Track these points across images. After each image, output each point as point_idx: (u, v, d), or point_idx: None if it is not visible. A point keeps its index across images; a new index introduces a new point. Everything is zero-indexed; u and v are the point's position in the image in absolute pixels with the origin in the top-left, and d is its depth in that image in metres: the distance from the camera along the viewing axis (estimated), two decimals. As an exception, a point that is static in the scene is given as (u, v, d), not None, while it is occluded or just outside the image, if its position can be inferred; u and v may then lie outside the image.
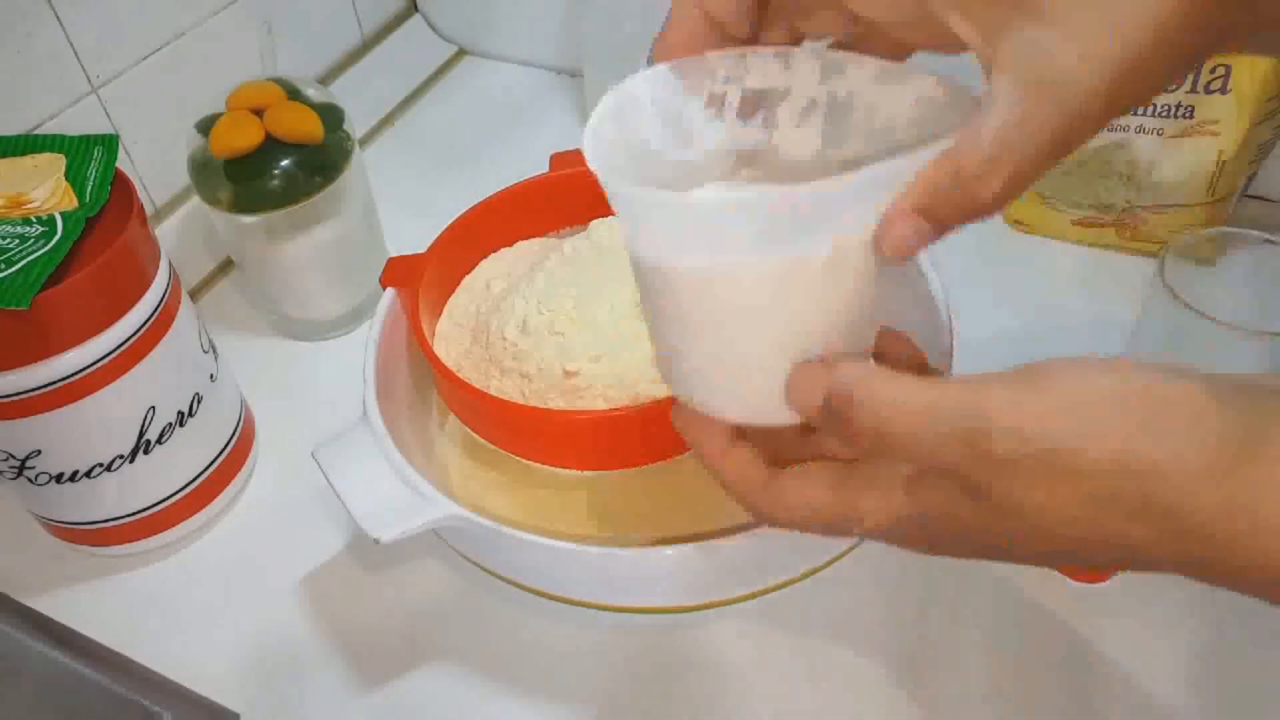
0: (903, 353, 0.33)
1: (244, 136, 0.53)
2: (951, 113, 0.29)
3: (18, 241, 0.42)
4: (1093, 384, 0.24)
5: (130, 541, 0.50)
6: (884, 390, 0.26)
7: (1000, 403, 0.24)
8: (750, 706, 0.44)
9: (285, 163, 0.54)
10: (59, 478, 0.46)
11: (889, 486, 0.27)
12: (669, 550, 0.41)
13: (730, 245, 0.28)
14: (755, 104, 0.35)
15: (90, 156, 0.46)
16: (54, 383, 0.43)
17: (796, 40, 0.34)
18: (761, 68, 0.34)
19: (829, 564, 0.45)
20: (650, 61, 0.34)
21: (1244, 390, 0.24)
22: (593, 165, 0.29)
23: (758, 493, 0.30)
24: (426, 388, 0.52)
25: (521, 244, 0.54)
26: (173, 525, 0.50)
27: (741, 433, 0.32)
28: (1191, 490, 0.23)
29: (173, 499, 0.49)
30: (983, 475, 0.25)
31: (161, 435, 0.47)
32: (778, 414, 0.30)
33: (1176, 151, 0.55)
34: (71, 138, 0.47)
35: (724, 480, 0.31)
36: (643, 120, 0.34)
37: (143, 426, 0.46)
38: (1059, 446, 0.24)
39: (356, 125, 0.58)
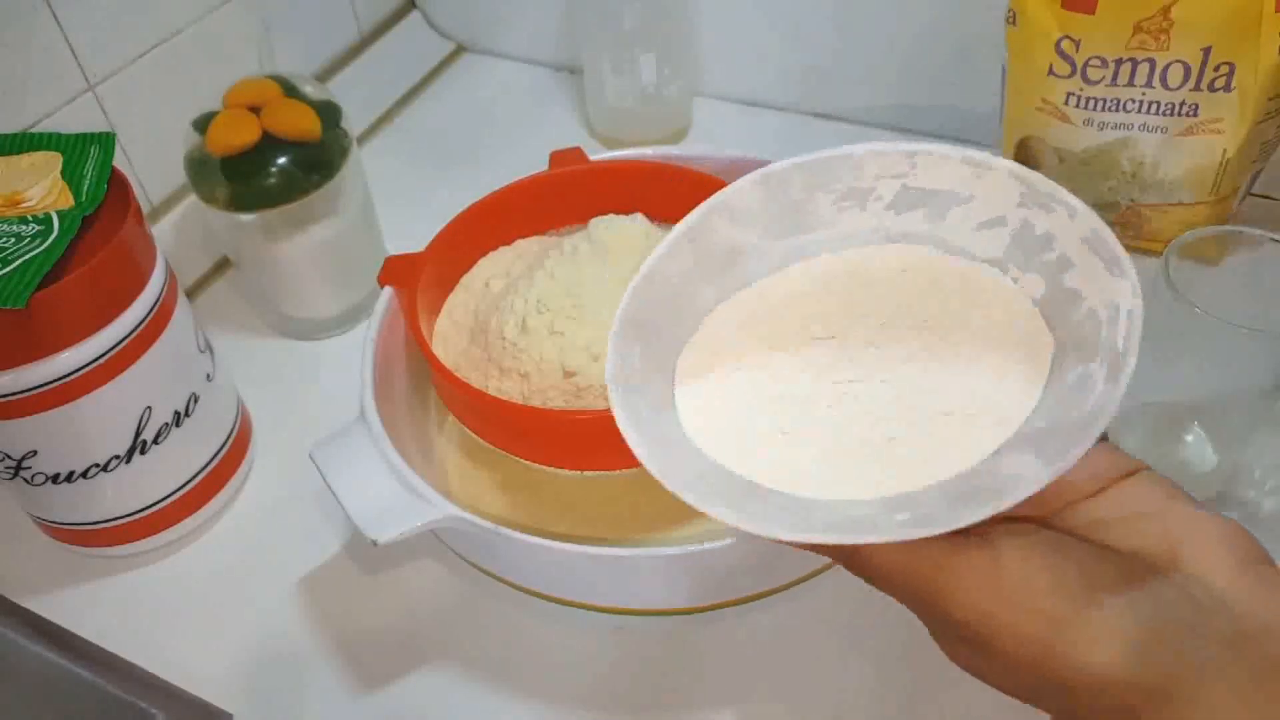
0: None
1: (241, 134, 0.53)
2: (1099, 352, 0.27)
3: (14, 240, 0.41)
4: (1032, 582, 0.26)
5: (126, 542, 0.50)
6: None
7: (952, 583, 0.26)
8: (750, 709, 0.44)
9: (282, 160, 0.53)
10: (55, 478, 0.46)
11: None
12: (669, 552, 0.41)
13: None
14: (918, 201, 0.31)
15: (86, 155, 0.46)
16: (50, 382, 0.42)
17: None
18: (938, 170, 0.31)
19: (831, 565, 0.44)
20: None
21: (1176, 639, 0.24)
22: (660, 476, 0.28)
23: None
24: (425, 387, 0.52)
25: (520, 242, 0.54)
26: (169, 526, 0.50)
27: None
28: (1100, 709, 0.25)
29: (169, 500, 0.49)
30: (944, 630, 0.28)
31: (158, 435, 0.47)
32: None
33: (1180, 149, 0.54)
34: (68, 136, 0.47)
35: None
36: (737, 227, 0.32)
37: (139, 427, 0.46)
38: (990, 637, 0.26)
39: (354, 122, 0.58)
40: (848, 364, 0.30)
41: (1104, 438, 0.29)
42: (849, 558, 0.28)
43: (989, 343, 0.29)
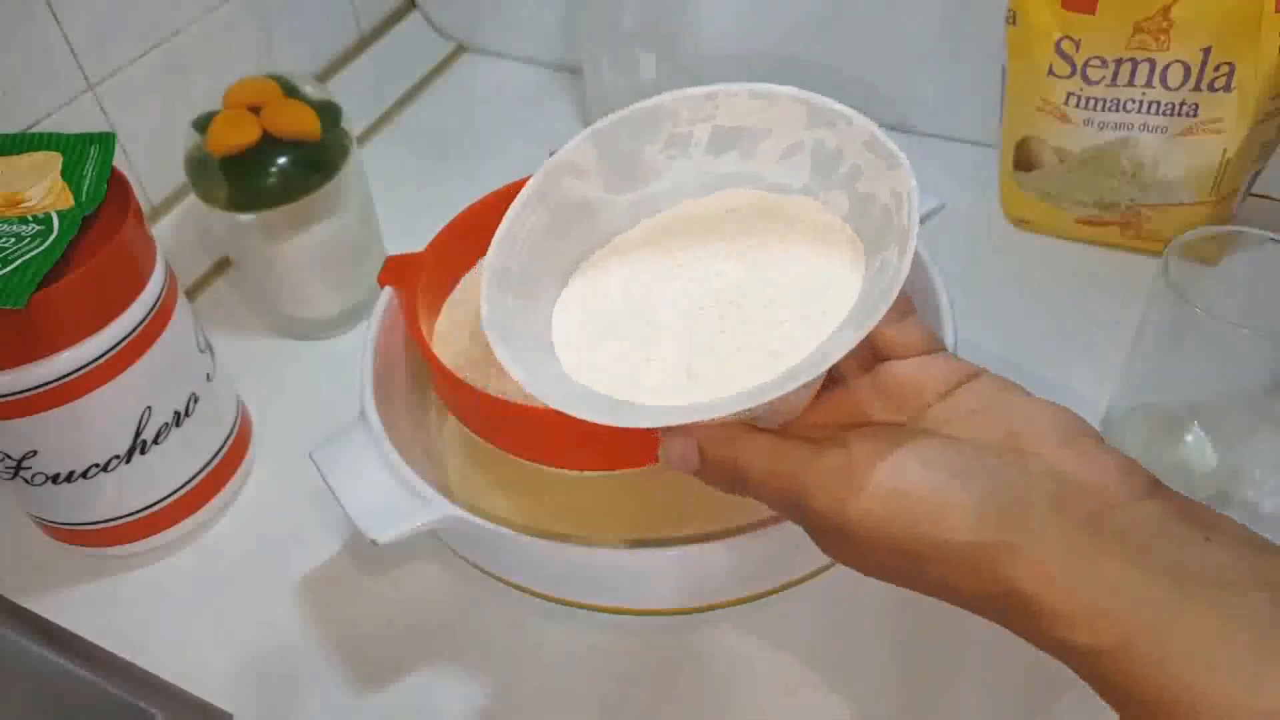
0: (914, 338, 0.35)
1: (241, 134, 0.53)
2: (891, 236, 0.31)
3: (14, 240, 0.41)
4: (880, 470, 0.30)
5: (126, 543, 0.50)
6: (743, 449, 0.32)
7: (812, 480, 0.31)
8: (750, 710, 0.44)
9: (282, 160, 0.53)
10: (55, 478, 0.46)
11: None
12: (669, 552, 0.41)
13: None
14: (730, 140, 0.36)
15: (86, 155, 0.46)
16: (50, 382, 0.42)
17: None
18: (737, 107, 0.35)
19: (830, 566, 0.44)
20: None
21: (1009, 503, 0.29)
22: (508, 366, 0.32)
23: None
24: (425, 387, 0.52)
25: (521, 242, 0.54)
26: (169, 526, 0.50)
27: None
28: (958, 583, 0.29)
29: (169, 500, 0.49)
30: (812, 525, 0.32)
31: (158, 436, 0.47)
32: None
33: (1181, 149, 0.54)
34: (68, 136, 0.47)
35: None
36: (582, 181, 0.36)
37: (139, 427, 0.46)
38: (847, 522, 0.30)
39: (354, 122, 0.58)
40: (699, 293, 0.35)
41: (942, 348, 0.35)
42: (729, 474, 0.32)
43: (813, 256, 0.34)
